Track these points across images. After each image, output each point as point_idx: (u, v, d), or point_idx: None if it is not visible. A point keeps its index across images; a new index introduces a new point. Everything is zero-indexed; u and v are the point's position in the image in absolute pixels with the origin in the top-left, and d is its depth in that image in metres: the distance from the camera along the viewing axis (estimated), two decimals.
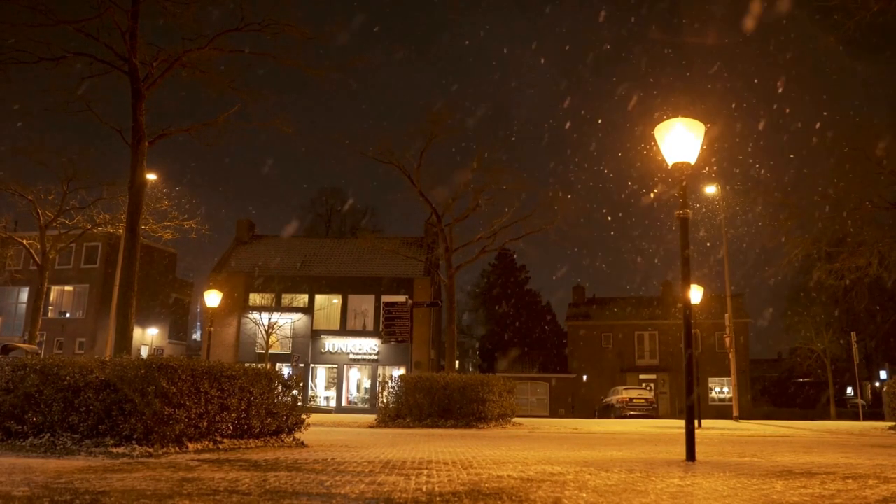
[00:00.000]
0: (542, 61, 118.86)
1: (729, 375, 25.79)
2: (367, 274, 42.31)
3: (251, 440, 7.92)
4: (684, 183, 6.72)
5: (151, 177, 23.82)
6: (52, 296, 42.56)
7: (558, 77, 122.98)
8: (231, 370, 7.73)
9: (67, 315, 43.98)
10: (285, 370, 35.85)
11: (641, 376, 47.03)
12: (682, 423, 6.85)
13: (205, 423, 7.29)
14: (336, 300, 42.47)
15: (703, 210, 25.67)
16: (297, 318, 41.53)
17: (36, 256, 27.83)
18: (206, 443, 7.29)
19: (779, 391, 55.73)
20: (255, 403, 7.99)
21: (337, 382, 41.57)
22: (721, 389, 46.63)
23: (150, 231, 26.27)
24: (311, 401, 38.44)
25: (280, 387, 8.53)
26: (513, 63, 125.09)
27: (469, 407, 14.75)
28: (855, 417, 30.76)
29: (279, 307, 40.86)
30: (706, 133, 6.89)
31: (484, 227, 28.14)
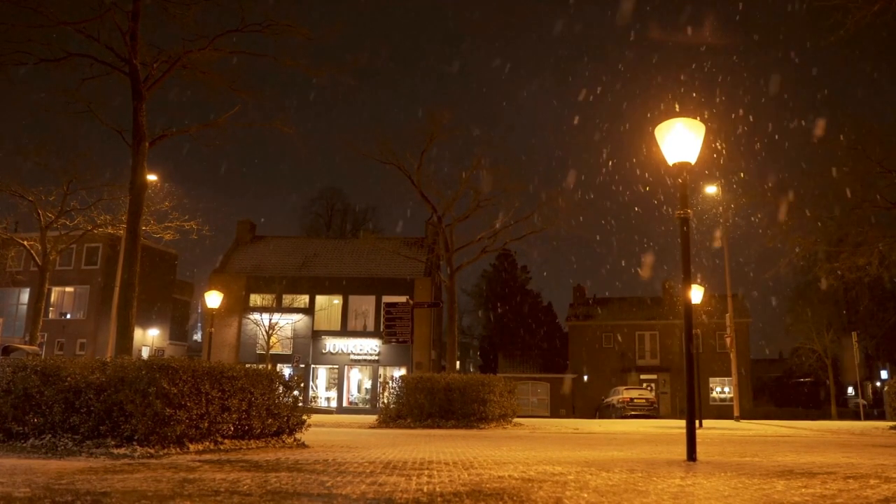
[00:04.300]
0: (541, 63, 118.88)
1: (730, 375, 25.77)
2: (368, 274, 42.31)
3: (252, 441, 7.91)
4: (685, 183, 6.72)
5: (152, 177, 23.84)
6: (53, 297, 42.58)
7: (557, 77, 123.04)
8: (232, 371, 7.72)
9: (68, 316, 44.00)
10: (286, 371, 35.88)
11: (642, 376, 47.02)
12: (682, 423, 6.85)
13: (206, 424, 7.29)
14: (337, 301, 42.48)
15: (704, 210, 25.68)
16: (298, 319, 41.52)
17: (37, 257, 27.83)
18: (207, 443, 7.28)
19: (780, 391, 55.72)
20: (256, 404, 7.99)
21: (338, 383, 41.58)
22: (722, 389, 46.63)
23: (151, 232, 26.28)
24: (311, 401, 38.46)
25: (281, 387, 8.52)
26: (512, 64, 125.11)
27: (470, 407, 14.74)
28: (856, 417, 30.78)
29: (280, 308, 40.85)
30: (706, 133, 6.89)
31: (484, 227, 28.22)
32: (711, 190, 25.21)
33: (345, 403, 40.90)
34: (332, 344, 41.59)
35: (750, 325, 47.27)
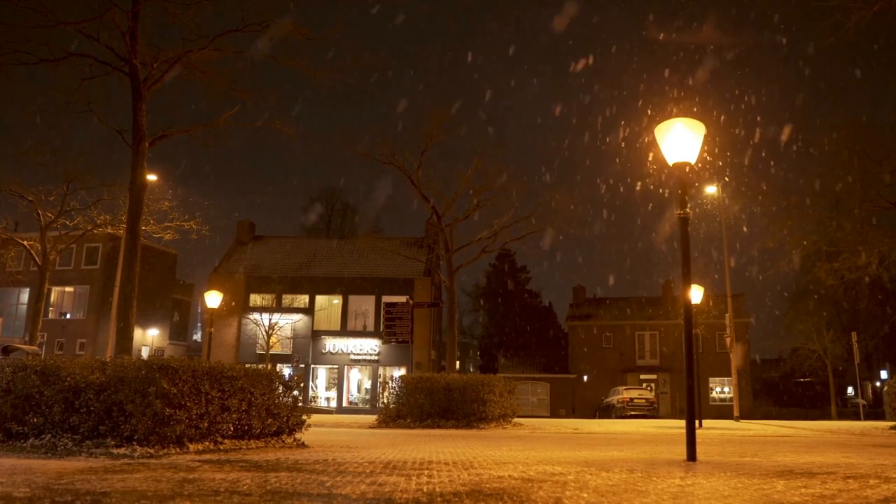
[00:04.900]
0: (543, 62, 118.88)
1: (729, 375, 25.78)
2: (368, 274, 42.32)
3: (252, 441, 7.91)
4: (685, 183, 6.72)
5: (152, 177, 23.82)
6: (53, 297, 42.58)
7: (557, 77, 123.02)
8: (232, 371, 7.72)
9: (68, 316, 43.99)
10: (286, 371, 35.89)
11: (642, 376, 47.03)
12: (682, 423, 6.85)
13: (205, 424, 7.29)
14: (336, 301, 42.48)
15: (704, 210, 25.68)
16: (298, 319, 41.52)
17: (37, 257, 27.84)
18: (207, 443, 7.28)
19: (779, 391, 55.73)
20: (256, 404, 7.98)
21: (337, 383, 41.58)
22: (722, 389, 46.64)
23: (151, 232, 26.29)
24: (311, 401, 38.47)
25: (281, 387, 8.52)
26: (513, 63, 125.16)
27: (470, 407, 14.73)
28: (856, 417, 30.78)
29: (280, 308, 40.86)
30: (706, 133, 6.89)
31: (484, 227, 28.20)
32: (711, 190, 25.22)
33: (345, 403, 40.90)
34: (331, 344, 41.59)
35: (750, 325, 47.28)
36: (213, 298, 22.53)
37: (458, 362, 35.07)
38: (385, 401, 16.83)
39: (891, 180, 20.93)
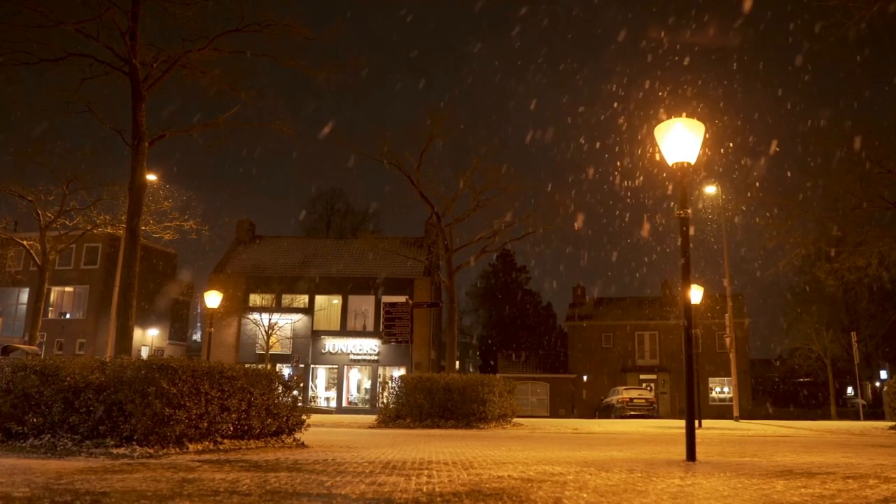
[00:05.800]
0: (542, 62, 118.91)
1: (729, 375, 25.79)
2: (368, 274, 42.30)
3: (251, 441, 7.91)
4: (685, 183, 6.72)
5: (152, 177, 23.83)
6: (53, 297, 42.57)
7: (557, 77, 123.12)
8: (231, 371, 7.72)
9: (68, 316, 43.97)
10: (286, 371, 35.89)
11: (642, 376, 47.03)
12: (682, 423, 6.85)
13: (205, 424, 7.29)
14: (336, 300, 42.47)
15: (703, 210, 25.68)
16: (298, 319, 41.52)
17: (36, 257, 27.83)
18: (207, 443, 7.28)
19: (779, 391, 55.77)
20: (256, 404, 7.99)
21: (337, 383, 41.57)
22: (721, 389, 46.65)
23: (151, 232, 26.28)
24: (311, 401, 38.45)
25: (280, 387, 8.52)
26: (513, 63, 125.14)
27: (469, 407, 14.73)
28: (855, 417, 30.76)
29: (279, 308, 40.84)
30: (706, 133, 6.89)
31: (484, 227, 28.19)
32: (711, 190, 25.22)
33: (344, 403, 40.89)
34: (331, 344, 41.59)
35: (750, 325, 47.28)
36: (213, 298, 22.52)
37: (457, 362, 35.09)
38: (385, 401, 16.83)
39: (890, 180, 20.91)
